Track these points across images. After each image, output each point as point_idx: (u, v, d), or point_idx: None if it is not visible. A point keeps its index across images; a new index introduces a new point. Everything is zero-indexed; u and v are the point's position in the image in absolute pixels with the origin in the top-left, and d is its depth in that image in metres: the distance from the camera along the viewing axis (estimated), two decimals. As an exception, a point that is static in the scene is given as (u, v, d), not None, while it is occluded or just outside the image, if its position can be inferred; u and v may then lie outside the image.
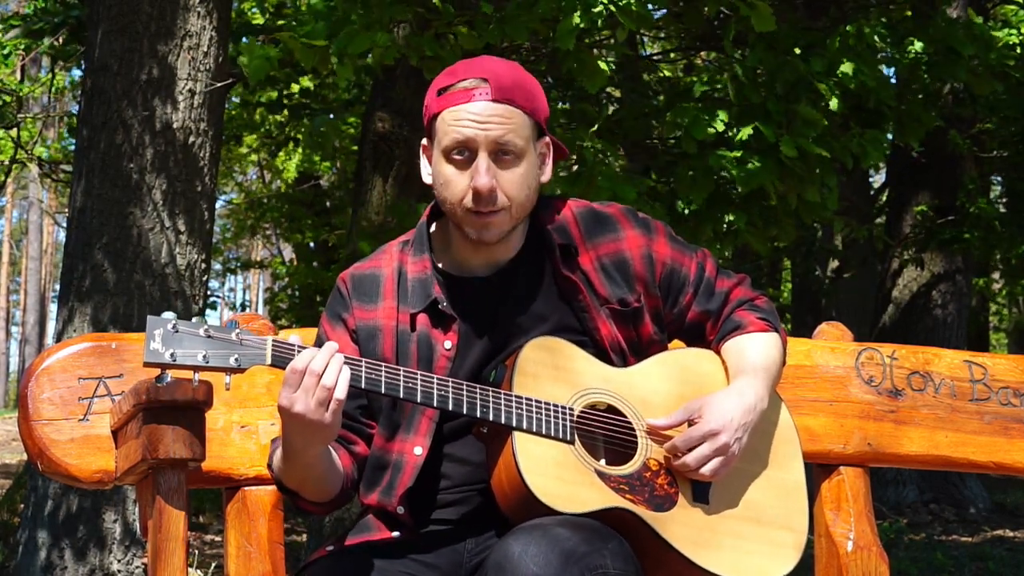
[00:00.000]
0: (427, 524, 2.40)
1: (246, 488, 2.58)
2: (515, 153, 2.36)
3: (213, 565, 7.19)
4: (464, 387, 2.29)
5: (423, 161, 2.48)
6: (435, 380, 2.28)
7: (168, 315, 2.15)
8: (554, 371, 2.35)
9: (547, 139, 2.46)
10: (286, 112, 10.52)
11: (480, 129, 2.33)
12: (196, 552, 7.63)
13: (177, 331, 2.14)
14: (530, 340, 2.36)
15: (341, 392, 2.19)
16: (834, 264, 13.68)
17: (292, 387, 2.19)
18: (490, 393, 2.29)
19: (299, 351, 2.21)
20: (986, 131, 10.56)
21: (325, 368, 2.18)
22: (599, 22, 5.31)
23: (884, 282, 11.25)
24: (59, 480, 2.56)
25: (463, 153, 2.35)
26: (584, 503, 2.25)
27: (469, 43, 5.41)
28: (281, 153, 14.22)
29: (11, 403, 31.69)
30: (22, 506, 7.32)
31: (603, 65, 5.61)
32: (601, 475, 2.31)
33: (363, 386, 2.24)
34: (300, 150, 13.12)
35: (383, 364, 2.27)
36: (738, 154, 5.92)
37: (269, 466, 2.42)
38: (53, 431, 2.48)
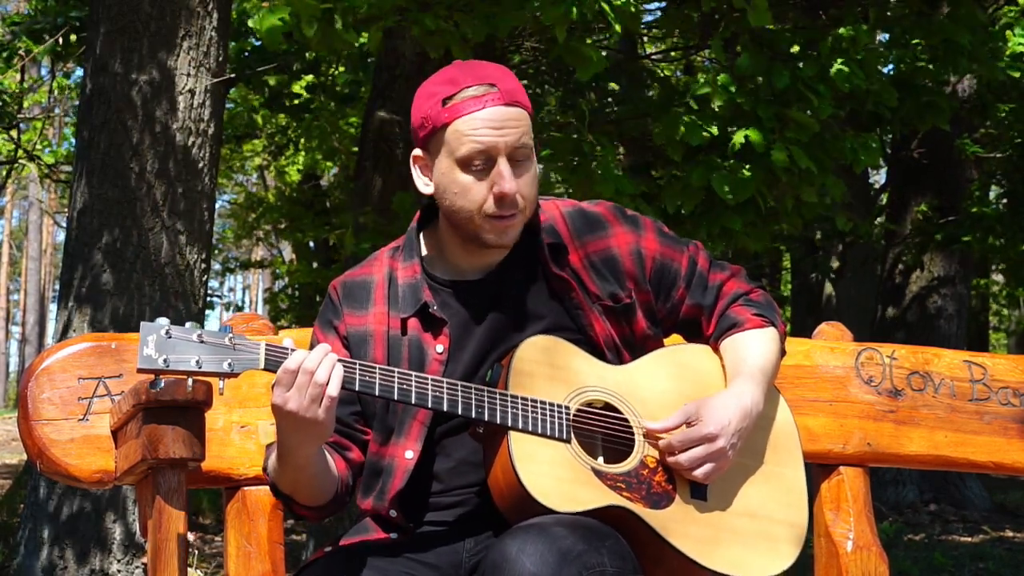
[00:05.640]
0: (422, 527, 2.39)
1: (246, 488, 2.58)
2: (527, 155, 2.37)
3: (213, 564, 7.19)
4: (459, 388, 2.28)
5: (416, 172, 2.44)
6: (429, 381, 2.27)
7: (162, 321, 2.15)
8: (550, 369, 2.35)
9: None
10: (287, 116, 10.51)
11: (498, 136, 2.32)
12: (196, 552, 7.62)
13: (170, 336, 2.14)
14: (526, 339, 2.36)
15: (334, 389, 2.19)
16: (834, 264, 13.68)
17: (285, 386, 2.19)
18: (485, 393, 2.28)
19: (292, 354, 2.21)
20: (988, 134, 10.55)
21: (318, 365, 2.18)
22: (589, 15, 5.29)
23: (884, 282, 11.25)
24: (59, 480, 2.56)
25: (482, 161, 2.34)
26: (581, 502, 2.24)
27: (474, 32, 5.39)
28: (283, 158, 14.22)
29: (11, 403, 31.68)
30: (22, 506, 7.32)
31: (593, 54, 5.58)
32: (598, 473, 2.31)
33: (357, 388, 2.24)
34: (303, 153, 13.11)
35: (377, 366, 2.26)
36: (730, 163, 5.90)
37: (264, 470, 2.42)
38: (53, 431, 2.48)
